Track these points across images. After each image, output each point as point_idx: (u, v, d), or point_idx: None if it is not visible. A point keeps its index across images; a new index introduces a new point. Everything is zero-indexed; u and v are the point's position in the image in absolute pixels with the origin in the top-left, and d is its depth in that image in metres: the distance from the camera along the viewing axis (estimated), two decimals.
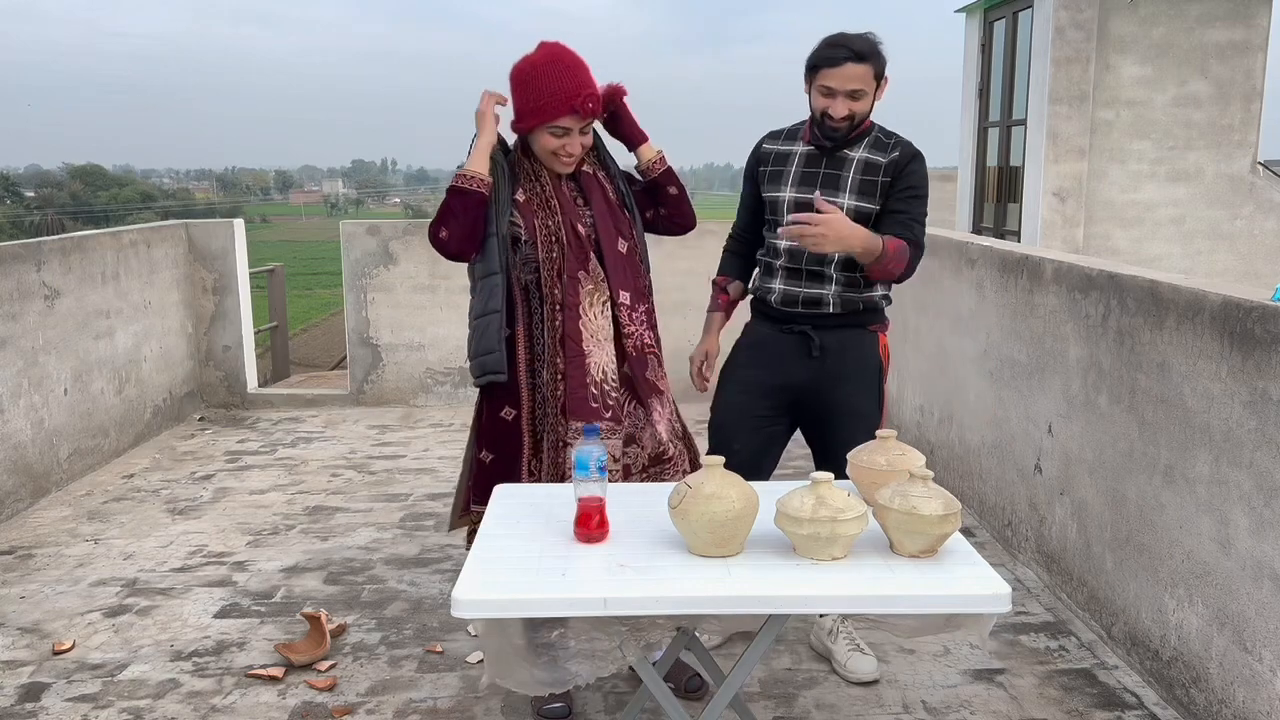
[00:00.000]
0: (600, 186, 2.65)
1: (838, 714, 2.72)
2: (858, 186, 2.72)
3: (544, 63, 2.50)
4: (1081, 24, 7.48)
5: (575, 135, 2.52)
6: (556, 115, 2.47)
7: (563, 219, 2.56)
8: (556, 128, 2.49)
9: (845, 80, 2.62)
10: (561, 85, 2.46)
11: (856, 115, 2.67)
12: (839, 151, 2.75)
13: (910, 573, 1.86)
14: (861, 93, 2.64)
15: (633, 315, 2.63)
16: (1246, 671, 2.41)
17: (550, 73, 2.48)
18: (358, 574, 3.66)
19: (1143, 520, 2.85)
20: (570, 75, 2.48)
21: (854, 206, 2.71)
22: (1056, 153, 7.64)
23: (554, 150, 2.53)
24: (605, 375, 2.57)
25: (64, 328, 4.75)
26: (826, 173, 2.75)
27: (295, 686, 2.86)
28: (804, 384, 2.81)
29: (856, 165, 2.73)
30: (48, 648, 3.10)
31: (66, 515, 4.32)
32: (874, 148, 2.75)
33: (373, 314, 6.19)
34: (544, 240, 2.55)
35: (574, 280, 2.54)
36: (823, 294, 2.77)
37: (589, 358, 2.55)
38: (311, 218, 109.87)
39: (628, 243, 2.65)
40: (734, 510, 1.88)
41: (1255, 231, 7.86)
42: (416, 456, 5.18)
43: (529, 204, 2.57)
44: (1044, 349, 3.46)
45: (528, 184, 2.59)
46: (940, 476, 4.35)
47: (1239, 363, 2.42)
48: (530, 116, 2.50)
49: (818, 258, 2.74)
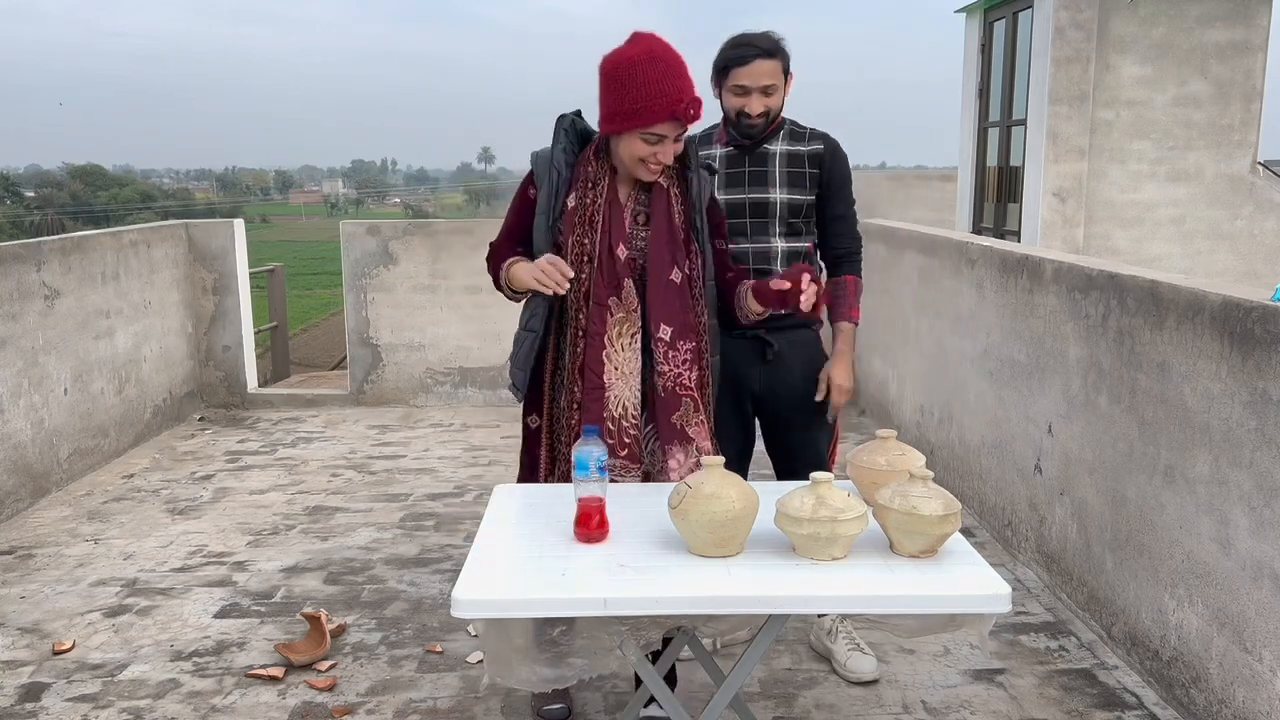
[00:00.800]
0: (668, 205, 2.38)
1: (838, 714, 2.72)
2: (786, 179, 2.78)
3: (644, 60, 2.23)
4: (1081, 24, 7.48)
5: (669, 143, 2.27)
6: (654, 120, 2.22)
7: (600, 237, 2.34)
8: (651, 134, 2.24)
9: (757, 77, 2.67)
10: (663, 88, 2.21)
11: (771, 110, 2.71)
12: (758, 148, 2.79)
13: (910, 573, 1.85)
14: (774, 88, 2.69)
15: (670, 353, 2.37)
16: (1246, 671, 2.41)
17: (651, 73, 2.21)
18: (358, 574, 3.66)
19: (1143, 520, 2.85)
20: (673, 76, 2.23)
21: (786, 200, 2.78)
22: (1056, 153, 7.63)
23: (643, 157, 2.27)
24: (625, 411, 2.36)
25: (64, 328, 4.75)
26: (752, 170, 2.79)
27: (295, 686, 2.86)
28: (759, 387, 2.82)
29: (780, 159, 2.79)
30: (48, 648, 3.10)
31: (66, 515, 4.32)
32: (791, 139, 2.81)
33: (373, 314, 6.19)
34: (574, 258, 2.35)
35: (601, 307, 2.35)
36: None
37: (609, 390, 2.35)
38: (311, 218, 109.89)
39: (683, 273, 2.38)
40: (734, 510, 1.88)
41: (1255, 231, 7.85)
42: (416, 456, 5.18)
43: (573, 214, 2.37)
44: (1044, 349, 3.46)
45: (582, 190, 2.37)
46: (940, 476, 4.35)
47: (1239, 363, 2.42)
48: (624, 119, 2.24)
49: (762, 255, 2.80)
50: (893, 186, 12.80)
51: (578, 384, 2.37)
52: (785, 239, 2.81)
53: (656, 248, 2.36)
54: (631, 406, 2.37)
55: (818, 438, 2.85)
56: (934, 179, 12.44)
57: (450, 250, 6.14)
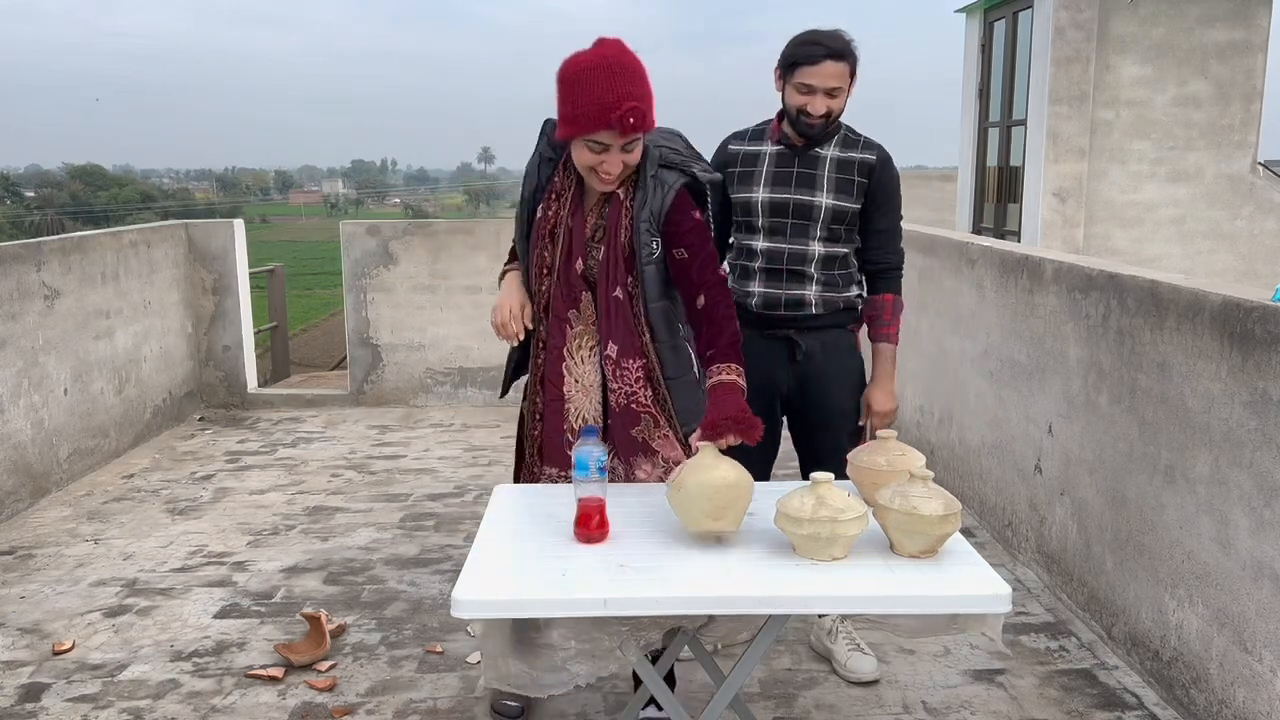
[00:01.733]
0: (619, 219, 2.29)
1: (838, 714, 2.72)
2: (834, 185, 2.74)
3: (591, 66, 2.15)
4: (1081, 24, 7.48)
5: (615, 153, 2.17)
6: (591, 128, 2.13)
7: (562, 251, 2.32)
8: (594, 142, 2.15)
9: (824, 78, 2.63)
10: (602, 95, 2.10)
11: (834, 112, 2.68)
12: (810, 150, 2.76)
13: (910, 573, 1.85)
14: (839, 90, 2.66)
15: (619, 371, 2.32)
16: (1246, 672, 2.41)
17: (595, 79, 2.12)
18: (358, 574, 3.66)
19: (1143, 520, 2.85)
20: (616, 83, 2.11)
21: (831, 205, 2.74)
22: (1056, 153, 7.64)
23: (591, 166, 2.20)
24: (585, 422, 2.34)
25: (64, 328, 4.75)
26: (801, 172, 2.76)
27: (295, 687, 2.86)
28: (788, 388, 2.82)
29: (831, 164, 2.75)
30: (48, 648, 3.10)
31: (66, 515, 4.32)
32: (844, 146, 2.77)
33: (373, 314, 6.19)
34: (536, 270, 2.36)
35: (560, 320, 2.34)
36: (805, 295, 2.78)
37: (568, 402, 2.34)
38: (311, 218, 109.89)
39: (625, 290, 2.31)
40: (729, 479, 1.91)
41: (1255, 231, 7.85)
42: (416, 457, 5.18)
43: (541, 226, 2.35)
44: (1044, 349, 3.46)
45: (548, 201, 2.36)
46: (940, 477, 4.35)
47: (1239, 363, 2.42)
48: (567, 125, 2.18)
49: (799, 256, 2.77)
50: None
51: (539, 395, 2.39)
52: (824, 244, 2.77)
53: (607, 263, 2.30)
54: (592, 419, 2.35)
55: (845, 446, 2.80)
56: (934, 179, 12.45)
57: (450, 250, 6.14)
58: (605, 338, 2.32)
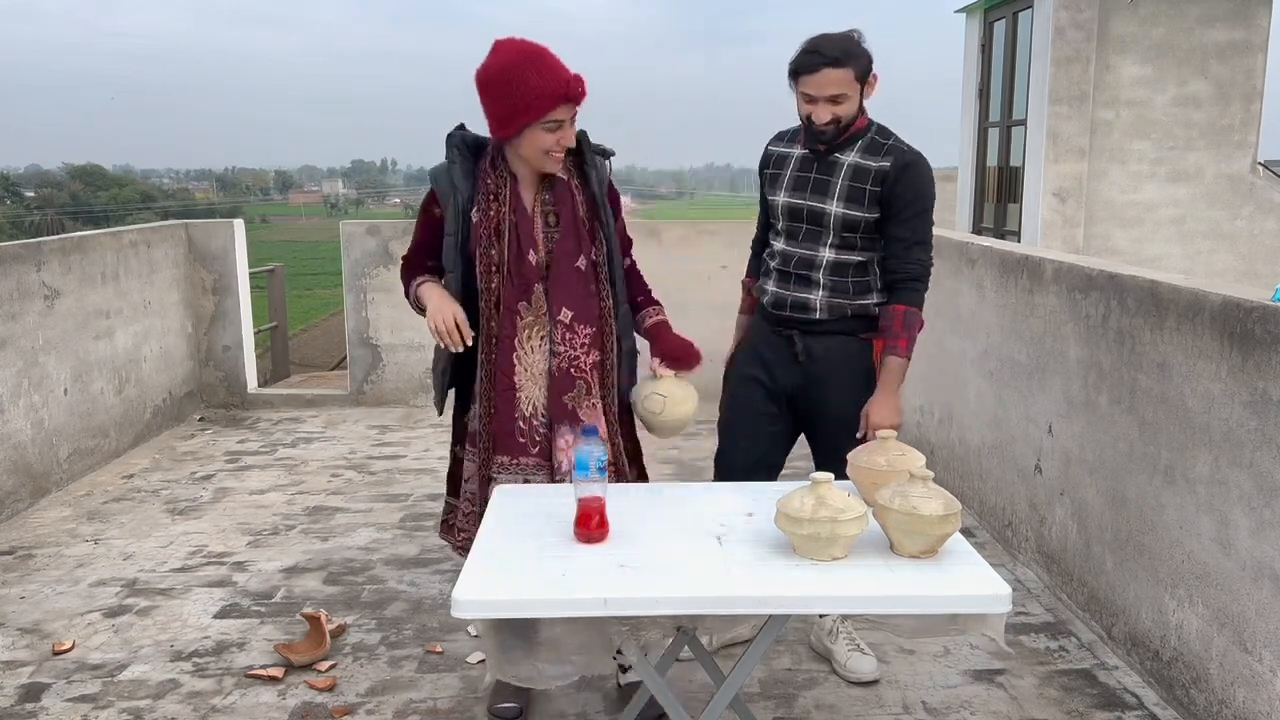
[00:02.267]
0: (572, 198, 2.50)
1: (838, 714, 2.72)
2: (845, 193, 2.68)
3: (519, 60, 2.33)
4: (1081, 24, 7.48)
5: (569, 125, 2.39)
6: (550, 108, 2.32)
7: (508, 246, 2.44)
8: (551, 122, 2.34)
9: (823, 86, 2.58)
10: (545, 77, 2.31)
11: (841, 118, 2.62)
12: (830, 155, 2.71)
13: (910, 573, 1.86)
14: (843, 96, 2.59)
15: (569, 335, 2.48)
16: (1246, 672, 2.41)
17: (530, 68, 2.32)
18: (358, 574, 3.66)
19: (1143, 520, 2.85)
20: (548, 65, 2.33)
21: (841, 214, 2.68)
22: (1056, 153, 7.64)
23: (548, 148, 2.37)
24: (535, 410, 2.49)
25: (64, 328, 4.75)
26: (817, 178, 2.73)
27: (295, 687, 2.86)
28: (794, 387, 2.82)
29: (846, 171, 2.69)
30: (48, 648, 3.10)
31: (66, 515, 4.32)
32: (867, 151, 2.69)
33: (373, 314, 6.19)
34: (483, 269, 2.46)
35: (511, 313, 2.46)
36: (809, 299, 2.76)
37: (520, 392, 2.48)
38: (311, 218, 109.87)
39: (588, 259, 2.51)
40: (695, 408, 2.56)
41: (1255, 231, 7.85)
42: (416, 457, 5.18)
43: (480, 228, 2.46)
44: (1044, 349, 3.46)
45: (485, 203, 2.46)
46: (940, 477, 4.35)
47: (1239, 363, 2.42)
48: (520, 116, 2.33)
49: (806, 260, 2.75)
50: None
51: (491, 389, 2.49)
52: (837, 251, 2.72)
53: (565, 240, 2.47)
54: (541, 406, 2.49)
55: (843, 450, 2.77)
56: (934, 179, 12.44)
57: None
58: (559, 304, 2.46)
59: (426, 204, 2.56)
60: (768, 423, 2.86)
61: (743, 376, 2.89)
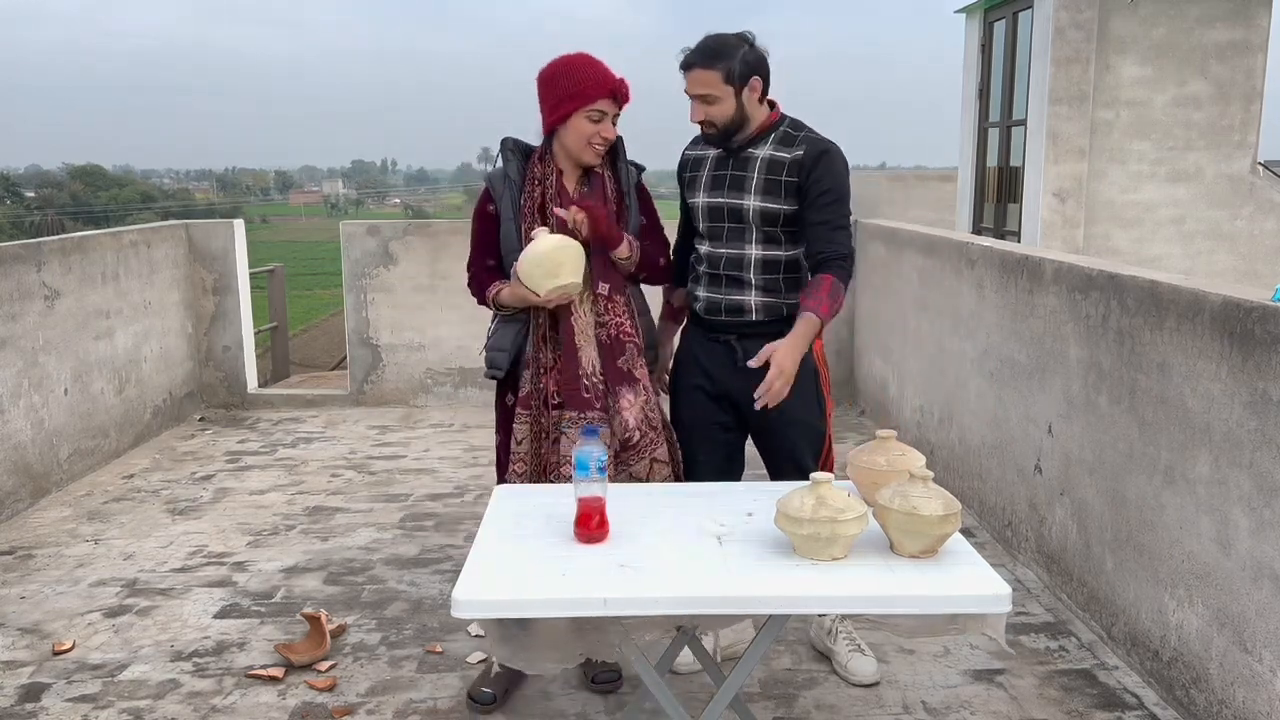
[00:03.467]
0: (604, 186, 2.74)
1: (838, 714, 2.72)
2: (762, 186, 2.66)
3: (577, 58, 2.65)
4: (1081, 24, 7.48)
5: (609, 120, 2.63)
6: (596, 97, 2.58)
7: (555, 222, 2.64)
8: (595, 111, 2.59)
9: (692, 85, 2.61)
10: (598, 72, 2.61)
11: (715, 120, 2.62)
12: (744, 151, 2.69)
13: (910, 573, 1.86)
14: (713, 97, 2.59)
15: (610, 305, 2.73)
16: (1246, 672, 2.41)
17: (585, 63, 2.63)
18: (358, 574, 3.66)
19: (1143, 520, 2.85)
20: (602, 67, 2.64)
21: (759, 207, 2.67)
22: (1056, 153, 7.63)
23: (589, 137, 2.61)
24: (595, 369, 2.70)
25: (64, 328, 4.75)
26: (733, 174, 2.71)
27: (295, 687, 2.86)
28: (738, 393, 2.70)
29: (760, 164, 2.67)
30: (48, 648, 3.10)
31: (66, 515, 4.32)
32: (780, 144, 2.67)
33: (373, 314, 6.19)
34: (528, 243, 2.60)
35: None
36: (744, 300, 2.73)
37: (580, 351, 2.68)
38: (311, 218, 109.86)
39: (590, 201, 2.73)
40: (554, 243, 2.47)
41: (1255, 232, 7.85)
42: (416, 457, 5.18)
43: (526, 207, 2.68)
44: (1044, 349, 3.46)
45: (531, 187, 2.70)
46: (940, 477, 4.34)
47: (1239, 363, 2.42)
48: (569, 101, 2.60)
49: (736, 261, 2.73)
50: (893, 186, 12.81)
51: (544, 351, 2.69)
52: (761, 246, 2.71)
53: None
54: (597, 366, 2.70)
55: (796, 444, 2.76)
56: (934, 179, 12.45)
57: (450, 250, 6.14)
58: (598, 280, 2.71)
59: (480, 207, 2.78)
60: (721, 430, 2.83)
61: (686, 387, 2.86)
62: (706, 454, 2.83)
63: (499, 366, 2.74)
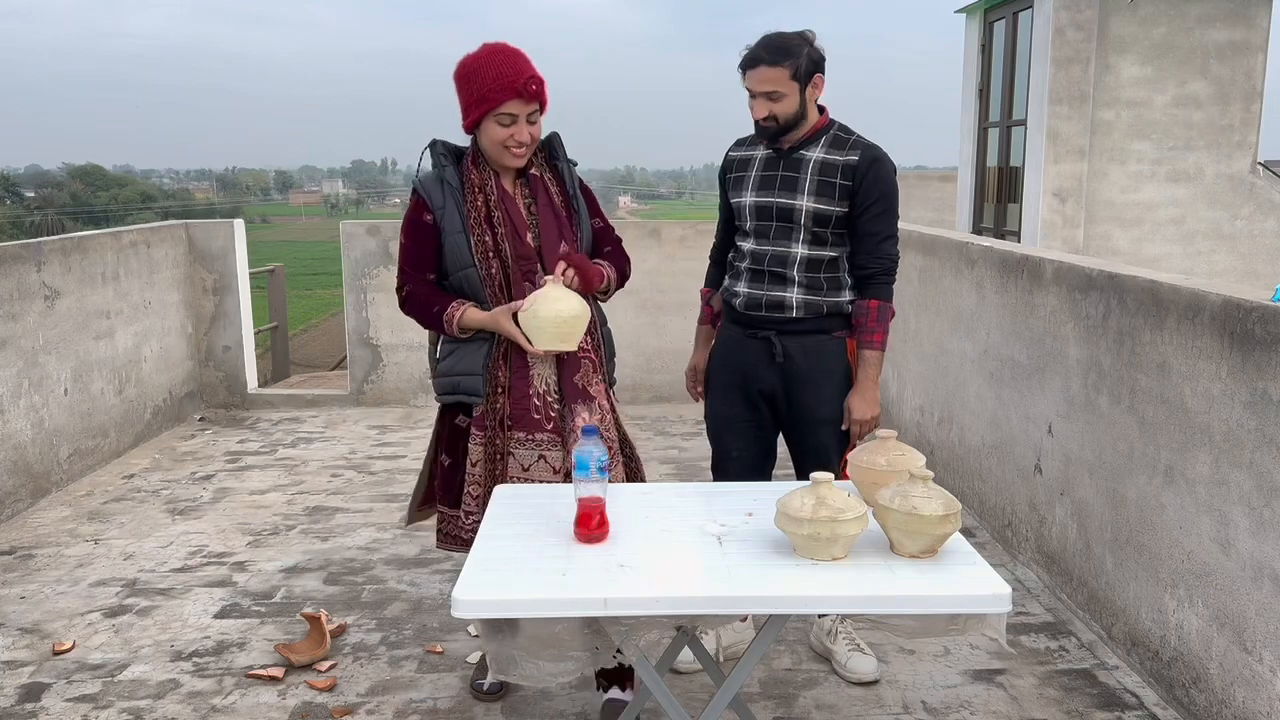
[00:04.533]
0: (546, 190, 2.62)
1: (838, 714, 2.72)
2: (815, 188, 2.69)
3: (485, 55, 2.49)
4: (1081, 24, 7.48)
5: (523, 123, 2.48)
6: (501, 100, 2.45)
7: (506, 231, 2.53)
8: (503, 114, 2.46)
9: (759, 82, 2.63)
10: (503, 72, 2.45)
11: (779, 116, 2.65)
12: (796, 153, 2.72)
13: (910, 573, 1.85)
14: (779, 94, 2.62)
15: None
16: (1246, 672, 2.41)
17: (491, 62, 2.47)
18: (358, 574, 3.66)
19: (1143, 520, 2.85)
20: (511, 62, 2.47)
21: (812, 209, 2.70)
22: (1056, 153, 7.64)
23: (502, 141, 2.48)
24: (548, 387, 2.58)
25: (64, 328, 4.75)
26: (784, 175, 2.73)
27: (295, 687, 2.86)
28: (773, 389, 2.82)
29: (813, 166, 2.70)
30: (48, 648, 3.10)
31: (66, 515, 4.32)
32: (832, 146, 2.72)
33: (373, 314, 6.19)
34: (480, 256, 2.52)
35: (522, 292, 2.52)
36: (785, 297, 2.75)
37: (532, 369, 2.56)
38: (311, 218, 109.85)
39: (569, 246, 2.59)
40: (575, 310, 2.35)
41: (1255, 232, 7.85)
42: (417, 457, 5.18)
43: (471, 217, 2.53)
44: (1044, 349, 3.46)
45: (473, 195, 2.55)
46: (940, 477, 4.35)
47: (1239, 363, 2.42)
48: (475, 107, 2.48)
49: (780, 258, 2.75)
50: None
51: (502, 369, 2.57)
52: (809, 246, 2.73)
53: (547, 228, 2.57)
54: (552, 383, 2.59)
55: (827, 447, 2.82)
56: (934, 179, 12.44)
57: None
58: None
59: (413, 215, 2.61)
60: (754, 428, 2.87)
61: (721, 385, 2.90)
62: (740, 449, 2.88)
63: (477, 394, 2.56)
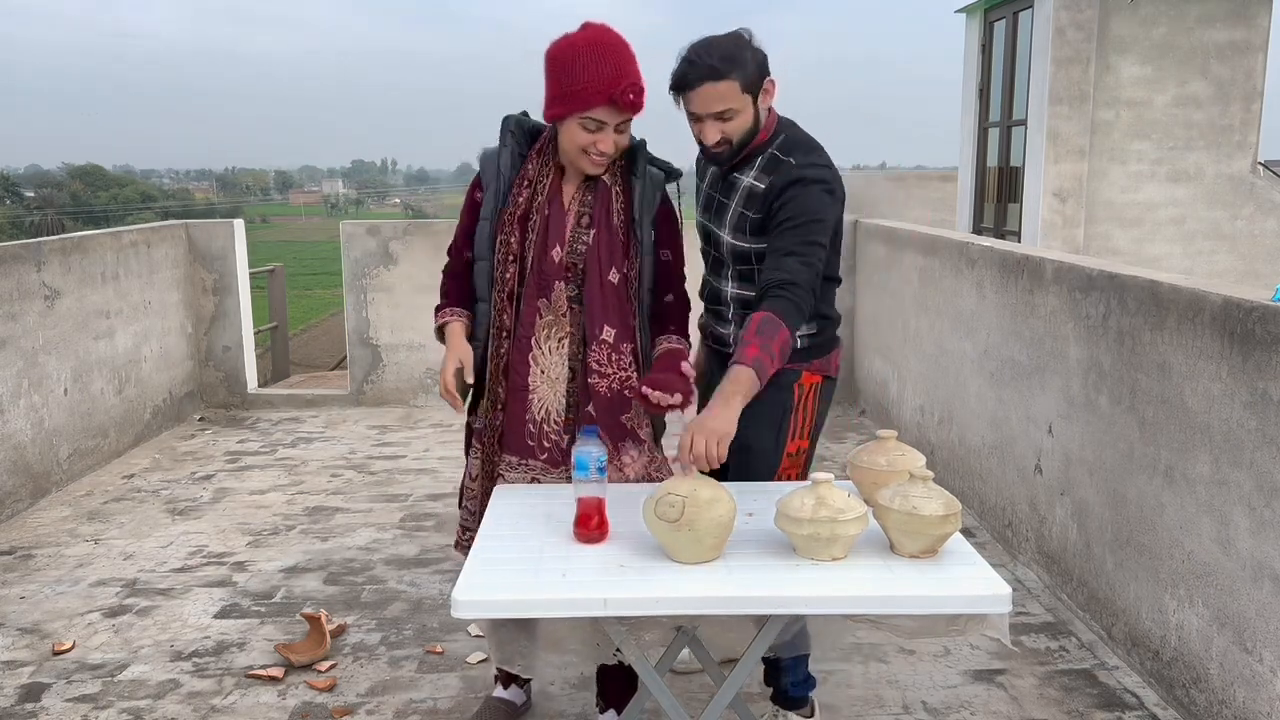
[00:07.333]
0: (609, 204, 2.30)
1: (838, 714, 2.72)
2: (735, 222, 2.35)
3: (584, 44, 2.15)
4: (1081, 24, 7.48)
5: (609, 132, 2.18)
6: (590, 104, 2.14)
7: (536, 238, 2.27)
8: (589, 119, 2.16)
9: (705, 103, 2.20)
10: (601, 71, 2.12)
11: (734, 136, 2.25)
12: (731, 175, 2.37)
13: (910, 573, 1.85)
14: (731, 112, 2.21)
15: (614, 355, 2.30)
16: (1246, 672, 2.41)
17: (589, 56, 2.13)
18: (358, 574, 3.66)
19: (1143, 520, 2.85)
20: (613, 61, 2.13)
21: (730, 244, 2.38)
22: (1056, 153, 7.63)
23: (584, 147, 2.19)
24: (549, 415, 2.34)
25: (64, 328, 4.75)
26: (720, 199, 2.42)
27: (295, 687, 2.86)
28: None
29: (740, 196, 2.34)
30: (48, 648, 3.10)
31: (66, 515, 4.32)
32: (765, 169, 2.31)
33: (373, 314, 6.19)
34: (500, 257, 2.30)
35: (530, 308, 2.31)
36: (724, 334, 2.50)
37: (533, 393, 2.33)
38: (311, 218, 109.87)
39: (620, 273, 2.30)
40: (731, 511, 1.86)
41: (1255, 232, 7.85)
42: (416, 457, 5.18)
43: (506, 214, 2.31)
44: (1044, 349, 3.46)
45: (519, 189, 2.31)
46: (940, 477, 4.35)
47: (1239, 363, 2.42)
48: (561, 103, 2.17)
49: (714, 294, 2.48)
50: (893, 186, 12.80)
51: (500, 384, 2.34)
52: (736, 284, 2.41)
53: (598, 248, 2.28)
54: (555, 411, 2.34)
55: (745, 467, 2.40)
56: (934, 179, 12.44)
57: None
58: (598, 322, 2.29)
59: (471, 189, 2.41)
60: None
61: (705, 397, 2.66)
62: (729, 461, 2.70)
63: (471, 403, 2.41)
